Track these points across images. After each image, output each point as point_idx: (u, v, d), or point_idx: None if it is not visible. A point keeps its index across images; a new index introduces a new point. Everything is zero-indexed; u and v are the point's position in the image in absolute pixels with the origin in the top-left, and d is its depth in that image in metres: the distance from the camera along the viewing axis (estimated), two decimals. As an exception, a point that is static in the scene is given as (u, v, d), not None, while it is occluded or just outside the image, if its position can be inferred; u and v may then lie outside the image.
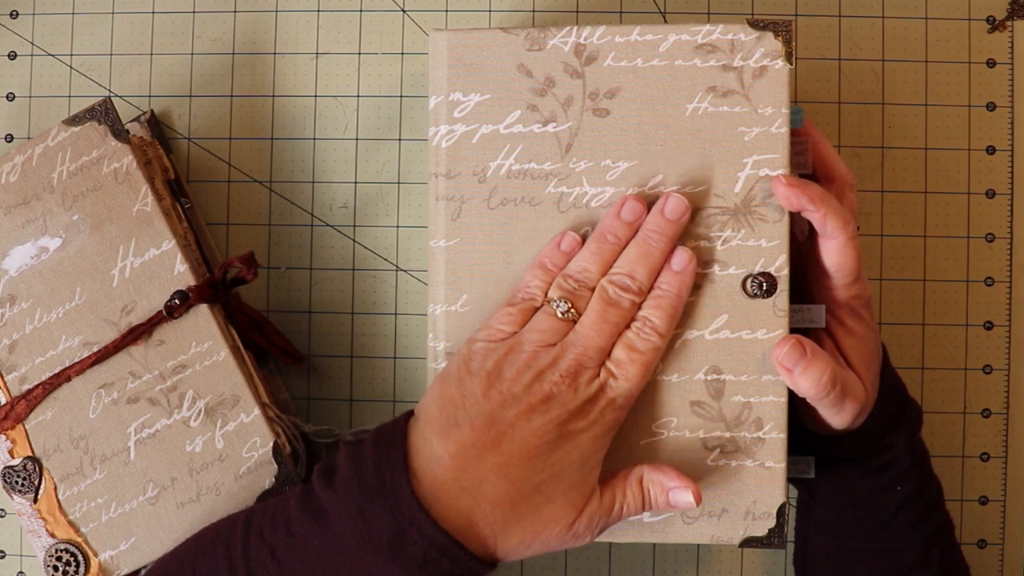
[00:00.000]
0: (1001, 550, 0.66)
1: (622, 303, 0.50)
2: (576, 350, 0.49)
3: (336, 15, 0.67)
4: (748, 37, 0.52)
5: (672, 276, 0.51)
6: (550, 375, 0.49)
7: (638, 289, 0.50)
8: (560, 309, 0.50)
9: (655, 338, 0.50)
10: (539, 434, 0.48)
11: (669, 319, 0.51)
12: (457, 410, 0.49)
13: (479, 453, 0.48)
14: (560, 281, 0.51)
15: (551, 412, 0.48)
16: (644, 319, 0.50)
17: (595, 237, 0.52)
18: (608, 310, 0.50)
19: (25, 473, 0.58)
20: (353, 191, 0.67)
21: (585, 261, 0.51)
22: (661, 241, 0.51)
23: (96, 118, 0.58)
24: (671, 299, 0.51)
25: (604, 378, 0.50)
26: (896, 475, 0.55)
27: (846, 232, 0.51)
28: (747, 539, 0.53)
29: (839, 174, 0.55)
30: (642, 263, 0.51)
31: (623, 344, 0.50)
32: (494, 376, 0.49)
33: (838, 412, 0.53)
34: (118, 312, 0.58)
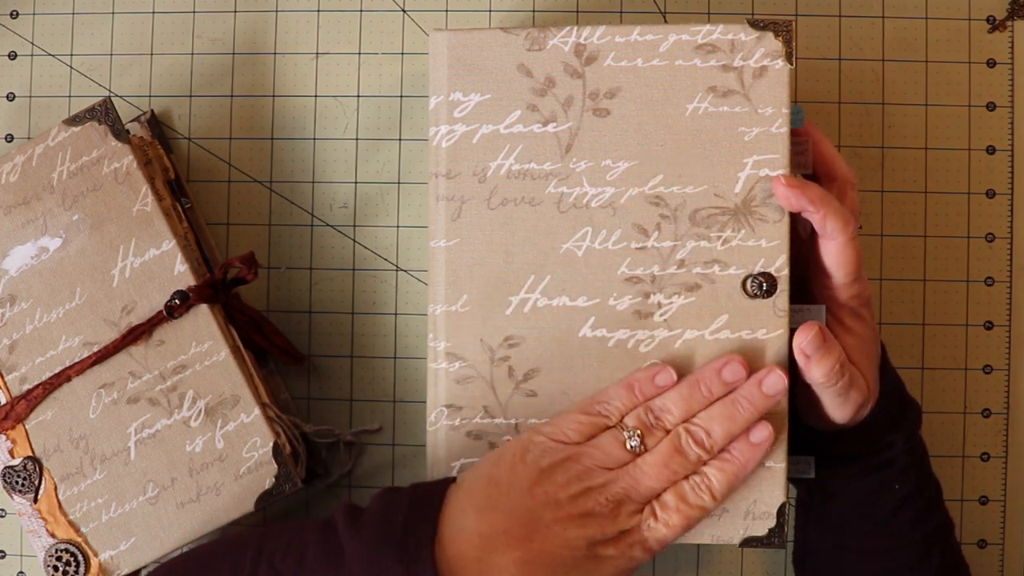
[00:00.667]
0: (1001, 550, 0.66)
1: (689, 455, 0.50)
2: (629, 481, 0.49)
3: (336, 15, 0.67)
4: (748, 37, 0.52)
5: (747, 447, 0.51)
6: (597, 495, 0.49)
7: (710, 447, 0.50)
8: (631, 442, 0.50)
9: (707, 499, 0.50)
10: (570, 546, 0.48)
11: (728, 487, 0.50)
12: (500, 494, 0.49)
13: (508, 542, 0.48)
14: (640, 413, 0.51)
15: (587, 529, 0.48)
16: (704, 475, 0.50)
17: (689, 383, 0.51)
18: (674, 457, 0.50)
19: (25, 473, 0.58)
20: (353, 191, 0.67)
21: (671, 402, 0.51)
22: (749, 411, 0.51)
23: (96, 118, 0.58)
24: (737, 467, 0.50)
25: (645, 516, 0.50)
26: (895, 474, 0.55)
27: (846, 233, 0.51)
28: (747, 539, 0.53)
29: (840, 173, 0.55)
30: (723, 424, 0.50)
31: (676, 492, 0.50)
32: (545, 475, 0.49)
33: (843, 403, 0.53)
34: (118, 312, 0.58)
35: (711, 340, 0.52)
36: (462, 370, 0.54)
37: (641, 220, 0.53)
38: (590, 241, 0.53)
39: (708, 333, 0.52)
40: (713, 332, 0.52)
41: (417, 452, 0.66)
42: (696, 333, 0.52)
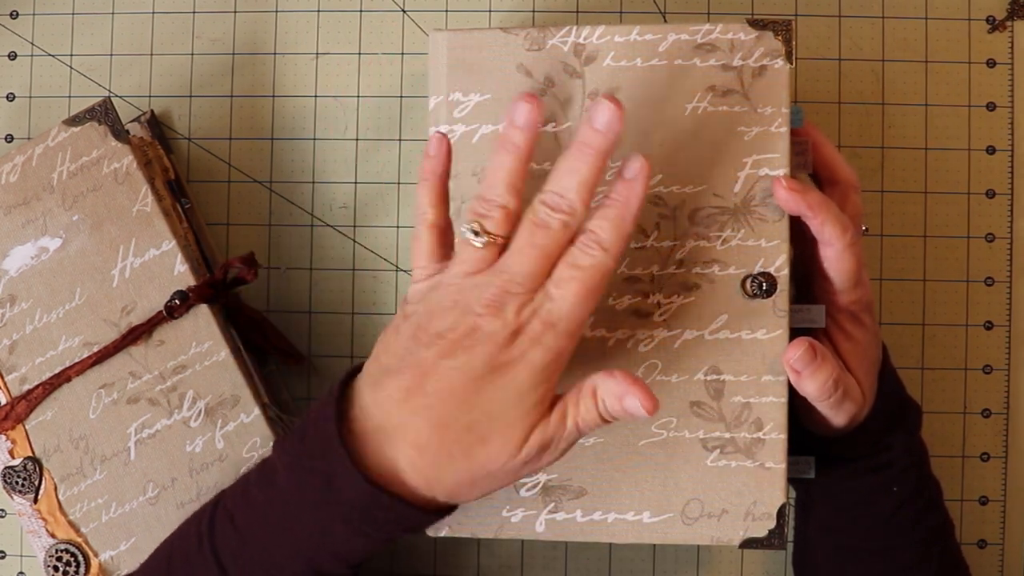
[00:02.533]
0: (1001, 550, 0.66)
1: (551, 224, 0.45)
2: (502, 277, 0.45)
3: (336, 15, 0.67)
4: (748, 37, 0.52)
5: (622, 184, 0.45)
6: (473, 307, 0.45)
7: (569, 208, 0.45)
8: (470, 236, 0.46)
9: (598, 252, 0.45)
10: (464, 371, 0.45)
11: (616, 231, 0.45)
12: (391, 357, 0.47)
13: (402, 396, 0.46)
14: (470, 204, 0.46)
15: (476, 347, 0.45)
16: (588, 231, 0.45)
17: (495, 151, 0.46)
18: (536, 233, 0.45)
19: (25, 473, 0.58)
20: (353, 191, 0.67)
21: (490, 177, 0.46)
22: (591, 155, 0.45)
23: (96, 118, 0.58)
24: (619, 208, 0.45)
25: (540, 301, 0.45)
26: (894, 475, 0.55)
27: (844, 239, 0.51)
28: (747, 540, 0.53)
29: (843, 177, 0.55)
30: (572, 178, 0.45)
31: (564, 261, 0.45)
32: (424, 317, 0.46)
33: (835, 414, 0.53)
34: (118, 312, 0.58)
35: (711, 340, 0.52)
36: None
37: (641, 220, 0.52)
38: (590, 241, 0.53)
39: (708, 333, 0.52)
40: (712, 332, 0.52)
41: (417, 452, 0.66)
42: (695, 333, 0.52)
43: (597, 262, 0.45)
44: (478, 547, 0.67)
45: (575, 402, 0.46)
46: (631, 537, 0.53)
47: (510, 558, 0.66)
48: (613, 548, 0.66)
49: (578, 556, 0.66)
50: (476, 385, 0.45)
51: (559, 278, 0.45)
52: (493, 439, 0.45)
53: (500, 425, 0.45)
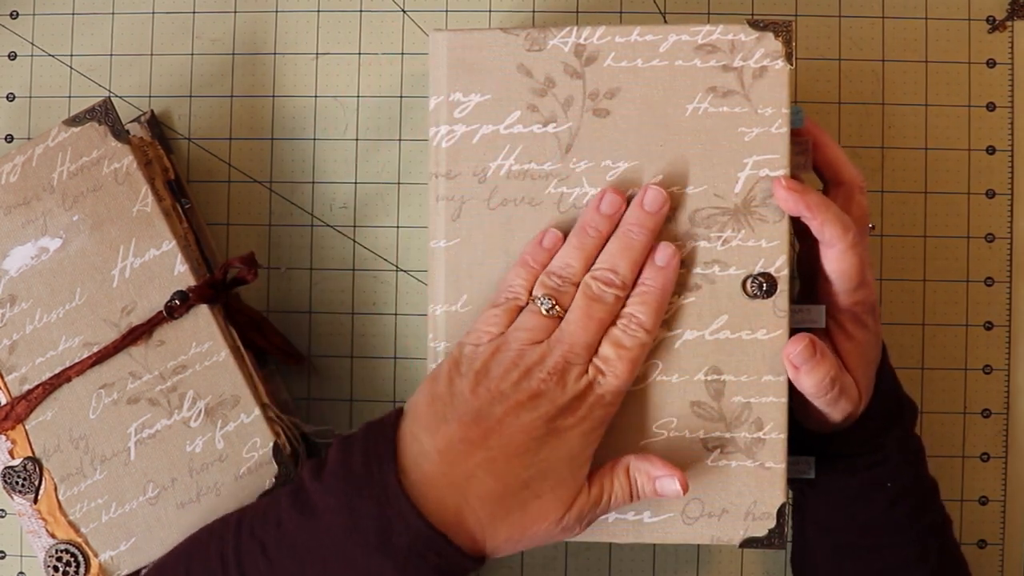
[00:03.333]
0: (1001, 550, 0.66)
1: (605, 298, 0.50)
2: (563, 347, 0.49)
3: (336, 15, 0.67)
4: (748, 37, 0.52)
5: (656, 272, 0.51)
6: (538, 372, 0.49)
7: (621, 283, 0.50)
8: (544, 306, 0.50)
9: (641, 334, 0.50)
10: (527, 430, 0.48)
11: (654, 314, 0.51)
12: (446, 407, 0.49)
13: (467, 449, 0.48)
14: (543, 279, 0.51)
15: (539, 409, 0.49)
16: (630, 315, 0.50)
17: (576, 232, 0.52)
18: (592, 306, 0.50)
19: (25, 473, 0.58)
20: (353, 191, 0.67)
21: (567, 257, 0.51)
22: (641, 234, 0.51)
23: (96, 118, 0.58)
24: (655, 294, 0.51)
25: (592, 375, 0.50)
26: (888, 472, 0.55)
27: (844, 240, 0.51)
28: (747, 539, 0.53)
29: (847, 177, 0.55)
30: (623, 257, 0.51)
31: (610, 341, 0.50)
32: (482, 375, 0.49)
33: (831, 412, 0.53)
34: (118, 312, 0.58)
35: (711, 340, 0.52)
36: (462, 370, 0.54)
37: (641, 220, 0.52)
38: (590, 241, 0.53)
39: (708, 333, 0.52)
40: (713, 332, 0.52)
41: (417, 452, 0.66)
42: (696, 333, 0.52)
43: (640, 341, 0.50)
44: (478, 547, 0.67)
45: (609, 480, 0.51)
46: (631, 537, 0.53)
47: (510, 558, 0.66)
48: (613, 548, 0.66)
49: (578, 556, 0.66)
50: (536, 444, 0.49)
51: (607, 356, 0.50)
52: (546, 496, 0.49)
53: (553, 484, 0.49)
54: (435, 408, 0.50)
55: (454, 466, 0.48)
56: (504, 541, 0.49)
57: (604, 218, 0.51)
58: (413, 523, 0.47)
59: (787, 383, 0.52)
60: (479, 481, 0.48)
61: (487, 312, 0.52)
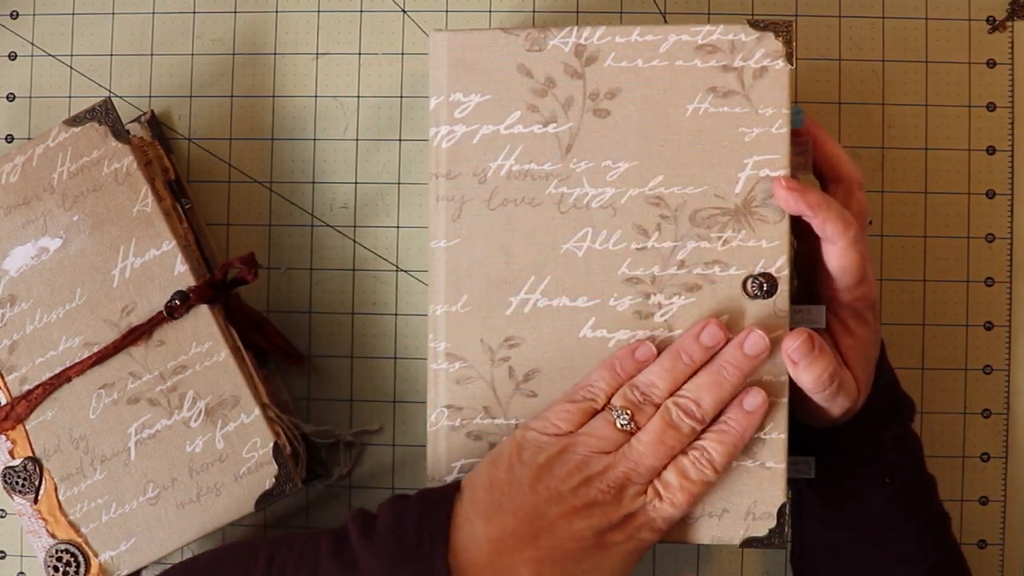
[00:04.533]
0: (1001, 550, 0.66)
1: (683, 428, 0.50)
2: (628, 464, 0.49)
3: (336, 15, 0.67)
4: (748, 37, 0.52)
5: (742, 415, 0.51)
6: (598, 483, 0.49)
7: (702, 417, 0.50)
8: (620, 420, 0.50)
9: (709, 472, 0.50)
10: (577, 538, 0.48)
11: (728, 457, 0.50)
12: (503, 495, 0.49)
13: (517, 543, 0.48)
14: (626, 391, 0.51)
15: (593, 519, 0.49)
16: (703, 449, 0.50)
17: (669, 354, 0.51)
18: (667, 432, 0.50)
19: (25, 473, 0.58)
20: (353, 191, 0.67)
21: (655, 376, 0.51)
22: (735, 375, 0.51)
23: (96, 118, 0.58)
24: (735, 437, 0.50)
25: (650, 497, 0.50)
26: (886, 467, 0.55)
27: (846, 237, 0.51)
28: (748, 539, 0.53)
29: (846, 174, 0.55)
30: (711, 392, 0.50)
31: (676, 469, 0.50)
32: (544, 471, 0.49)
33: (830, 406, 0.53)
34: (118, 312, 0.58)
35: (711, 340, 0.52)
36: (462, 371, 0.54)
37: (641, 221, 0.53)
38: (590, 242, 0.53)
39: (708, 333, 0.52)
40: (713, 332, 0.52)
41: (417, 453, 0.66)
42: (696, 333, 0.52)
43: (706, 479, 0.50)
44: (478, 547, 0.67)
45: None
46: (632, 537, 0.53)
47: (510, 558, 0.66)
48: (613, 548, 0.66)
49: (578, 556, 0.66)
50: (582, 554, 0.49)
51: (669, 483, 0.50)
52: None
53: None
54: (493, 494, 0.50)
55: (502, 557, 0.48)
56: None
57: (702, 349, 0.51)
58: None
59: (787, 383, 0.52)
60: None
61: (560, 405, 0.51)
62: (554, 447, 0.50)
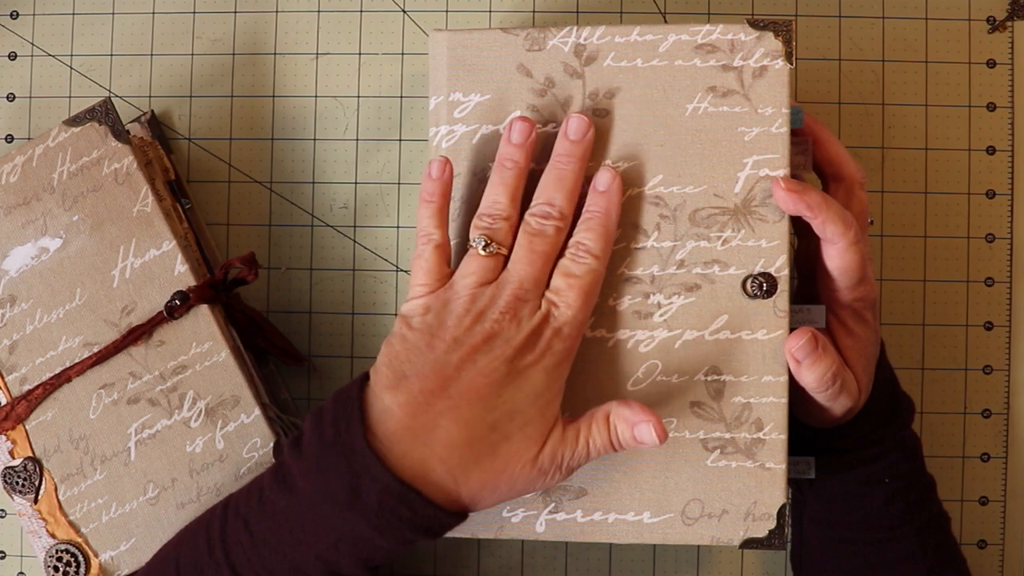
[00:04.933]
0: (1001, 550, 0.66)
1: (546, 231, 0.50)
2: (512, 285, 0.49)
3: (336, 15, 0.67)
4: (748, 37, 0.52)
5: (598, 196, 0.51)
6: (490, 313, 0.49)
7: (559, 214, 0.50)
8: (480, 246, 0.50)
9: (589, 260, 0.50)
10: (486, 373, 0.48)
11: (602, 240, 0.50)
12: (403, 363, 0.49)
13: (428, 399, 0.48)
14: (475, 221, 0.51)
15: (495, 350, 0.48)
16: (576, 243, 0.50)
17: (495, 168, 0.52)
18: (534, 241, 0.50)
19: (25, 474, 0.58)
20: (353, 191, 0.67)
21: (492, 194, 0.51)
22: (570, 163, 0.51)
23: (96, 118, 0.58)
24: (600, 218, 0.51)
25: (546, 308, 0.49)
26: (885, 467, 0.55)
27: (846, 238, 0.51)
28: (747, 540, 0.53)
29: (848, 173, 0.55)
30: (557, 189, 0.51)
31: (559, 272, 0.50)
32: (435, 326, 0.50)
33: (832, 406, 0.53)
34: (118, 312, 0.58)
35: (711, 340, 0.52)
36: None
37: (641, 220, 0.53)
38: (590, 241, 0.53)
39: (708, 333, 0.52)
40: (713, 332, 0.52)
41: (417, 452, 0.66)
42: (696, 333, 0.52)
43: (590, 268, 0.50)
44: (479, 548, 0.67)
45: (588, 425, 0.50)
46: (631, 537, 0.53)
47: (511, 558, 0.66)
48: (613, 548, 0.66)
49: (578, 556, 0.66)
50: (497, 387, 0.48)
51: (558, 287, 0.50)
52: (515, 436, 0.49)
53: (520, 423, 0.49)
54: (394, 367, 0.49)
55: (416, 418, 0.48)
56: (480, 488, 0.49)
57: (516, 148, 0.51)
58: (380, 477, 0.47)
59: (787, 383, 0.52)
60: (443, 430, 0.48)
61: (413, 266, 0.52)
62: (438, 301, 0.50)
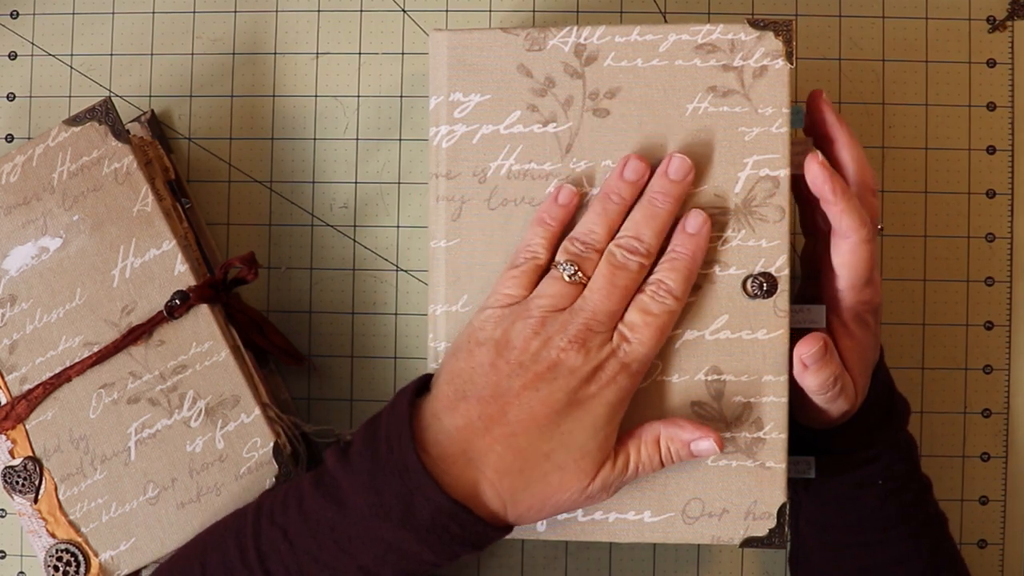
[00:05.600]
0: (1001, 550, 0.66)
1: (630, 266, 0.50)
2: (585, 315, 0.49)
3: (336, 15, 0.67)
4: (748, 37, 0.52)
5: (686, 238, 0.50)
6: (558, 341, 0.48)
7: (646, 251, 0.50)
8: (567, 272, 0.50)
9: (670, 300, 0.50)
10: (548, 403, 0.48)
11: (684, 281, 0.50)
12: (465, 383, 0.49)
13: (486, 425, 0.48)
14: (566, 244, 0.51)
15: (559, 380, 0.48)
16: (658, 281, 0.50)
17: (599, 198, 0.51)
18: (616, 273, 0.49)
19: (25, 473, 0.58)
20: (353, 191, 0.67)
21: (590, 223, 0.51)
22: (667, 202, 0.50)
23: (96, 118, 0.58)
24: (686, 261, 0.50)
25: (616, 343, 0.49)
26: (880, 469, 0.56)
27: (859, 233, 0.51)
28: (748, 539, 0.53)
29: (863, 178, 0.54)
30: (648, 225, 0.50)
31: (636, 307, 0.50)
32: (502, 345, 0.49)
33: (829, 408, 0.53)
34: (118, 312, 0.58)
35: (711, 340, 0.52)
36: (462, 370, 0.54)
37: (641, 220, 0.52)
38: (590, 241, 0.53)
39: (708, 333, 0.52)
40: (713, 332, 0.52)
41: (417, 452, 0.66)
42: (696, 333, 0.52)
43: (668, 308, 0.50)
44: (478, 547, 0.67)
45: (636, 449, 0.50)
46: (632, 537, 0.53)
47: (510, 558, 0.66)
48: (613, 548, 0.66)
49: (578, 556, 0.66)
50: (556, 416, 0.48)
51: (633, 323, 0.49)
52: (569, 468, 0.49)
53: (576, 455, 0.49)
54: (455, 384, 0.50)
55: (472, 443, 0.48)
56: (526, 510, 0.49)
57: (627, 184, 0.51)
58: (433, 497, 0.47)
59: (787, 383, 0.52)
60: (497, 455, 0.48)
61: (505, 274, 0.51)
62: (508, 318, 0.50)
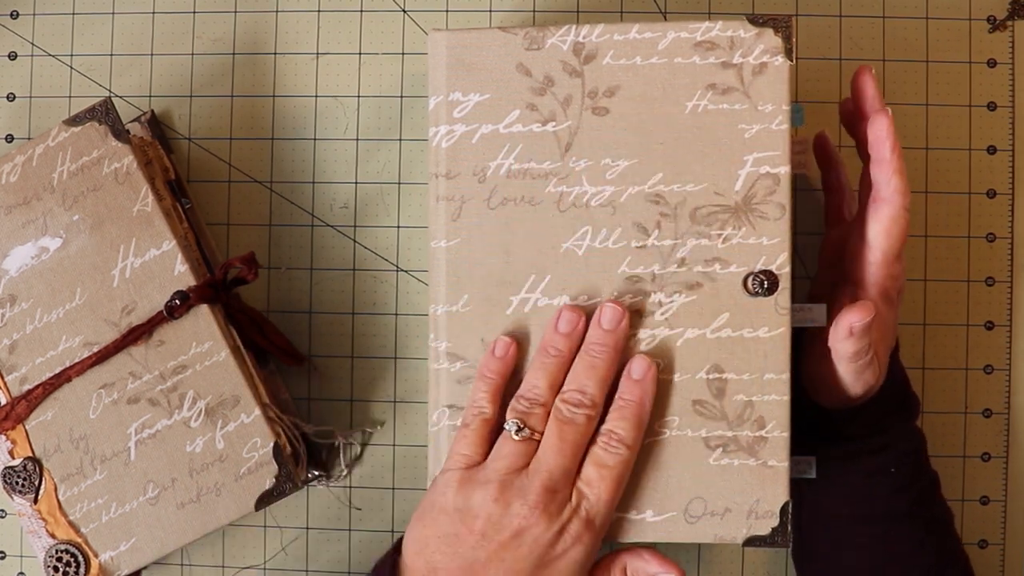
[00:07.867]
0: (1002, 550, 0.66)
1: (577, 420, 0.50)
2: (541, 476, 0.49)
3: (336, 15, 0.67)
4: (748, 34, 0.52)
5: (633, 385, 0.51)
6: (518, 508, 0.49)
7: (591, 403, 0.50)
8: (512, 430, 0.50)
9: (622, 450, 0.50)
10: (515, 570, 0.49)
11: (635, 429, 0.50)
12: (433, 554, 0.50)
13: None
14: (513, 403, 0.51)
15: (523, 547, 0.49)
16: (609, 432, 0.50)
17: (538, 353, 0.52)
18: (564, 429, 0.50)
19: (25, 473, 0.58)
20: (353, 191, 0.67)
21: (532, 379, 0.51)
22: (603, 352, 0.51)
23: (96, 118, 0.58)
24: (634, 408, 0.51)
25: (576, 501, 0.50)
26: (891, 459, 0.56)
27: (905, 199, 0.51)
28: (750, 538, 0.53)
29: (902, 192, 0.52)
30: (589, 376, 0.51)
31: (591, 461, 0.50)
32: (464, 513, 0.50)
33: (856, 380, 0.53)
34: (118, 312, 0.58)
35: (712, 339, 0.52)
36: (463, 370, 0.54)
37: (641, 219, 0.52)
38: (590, 240, 0.53)
39: (709, 332, 0.52)
40: (714, 331, 0.52)
41: (418, 452, 0.66)
42: (697, 332, 0.52)
43: (622, 458, 0.50)
44: (479, 547, 0.66)
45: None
46: (633, 536, 0.53)
47: (511, 558, 0.66)
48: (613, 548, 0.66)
49: (579, 556, 0.66)
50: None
51: (590, 478, 0.50)
52: None
53: None
54: (424, 557, 0.50)
55: None
56: None
57: (562, 337, 0.51)
58: None
59: (789, 381, 0.52)
60: None
61: (459, 433, 0.52)
62: (468, 484, 0.50)
